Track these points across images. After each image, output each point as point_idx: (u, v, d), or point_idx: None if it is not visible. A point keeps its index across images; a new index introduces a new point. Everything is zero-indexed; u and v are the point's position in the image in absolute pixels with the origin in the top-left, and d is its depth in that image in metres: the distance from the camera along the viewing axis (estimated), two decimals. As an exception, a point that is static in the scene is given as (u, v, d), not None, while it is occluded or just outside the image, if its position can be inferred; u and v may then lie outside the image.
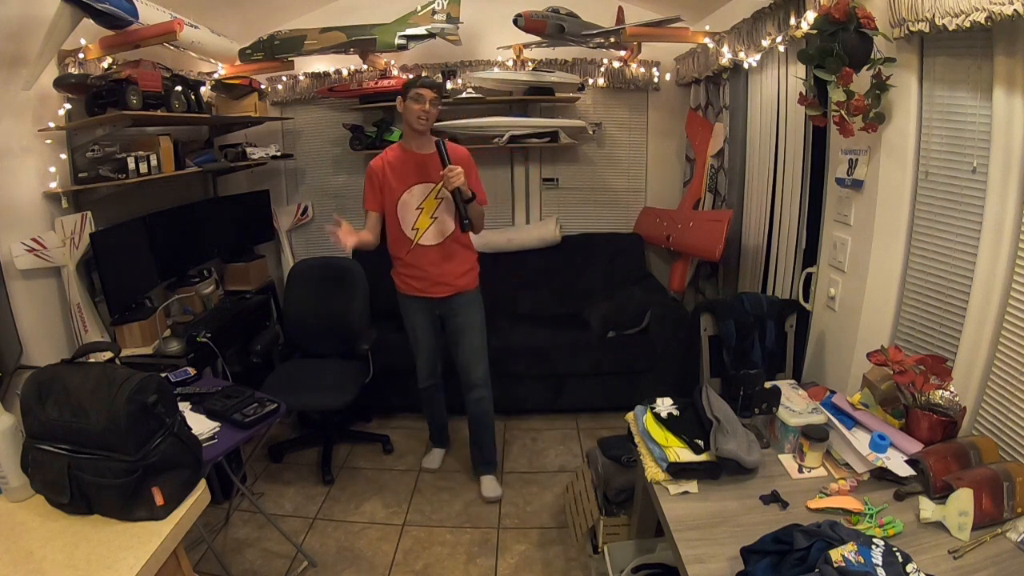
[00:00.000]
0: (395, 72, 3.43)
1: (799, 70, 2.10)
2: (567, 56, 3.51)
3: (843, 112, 1.68)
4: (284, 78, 3.57)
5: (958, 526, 1.19)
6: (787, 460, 1.48)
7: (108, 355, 1.59)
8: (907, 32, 1.52)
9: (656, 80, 3.58)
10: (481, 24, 3.36)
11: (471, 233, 2.30)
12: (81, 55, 2.34)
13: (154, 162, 2.53)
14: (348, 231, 2.16)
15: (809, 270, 2.25)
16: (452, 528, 2.39)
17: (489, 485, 2.59)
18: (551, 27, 2.93)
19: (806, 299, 2.25)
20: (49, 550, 1.08)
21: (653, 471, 1.42)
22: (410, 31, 3.03)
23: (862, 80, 1.65)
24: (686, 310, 3.26)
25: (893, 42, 1.62)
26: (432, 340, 2.54)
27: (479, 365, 2.48)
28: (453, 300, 2.42)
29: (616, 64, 3.54)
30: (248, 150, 3.37)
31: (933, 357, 1.50)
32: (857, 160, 1.87)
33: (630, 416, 1.64)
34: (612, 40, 3.08)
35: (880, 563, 0.94)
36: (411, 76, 2.86)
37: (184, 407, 1.67)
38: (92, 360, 1.42)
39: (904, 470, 1.35)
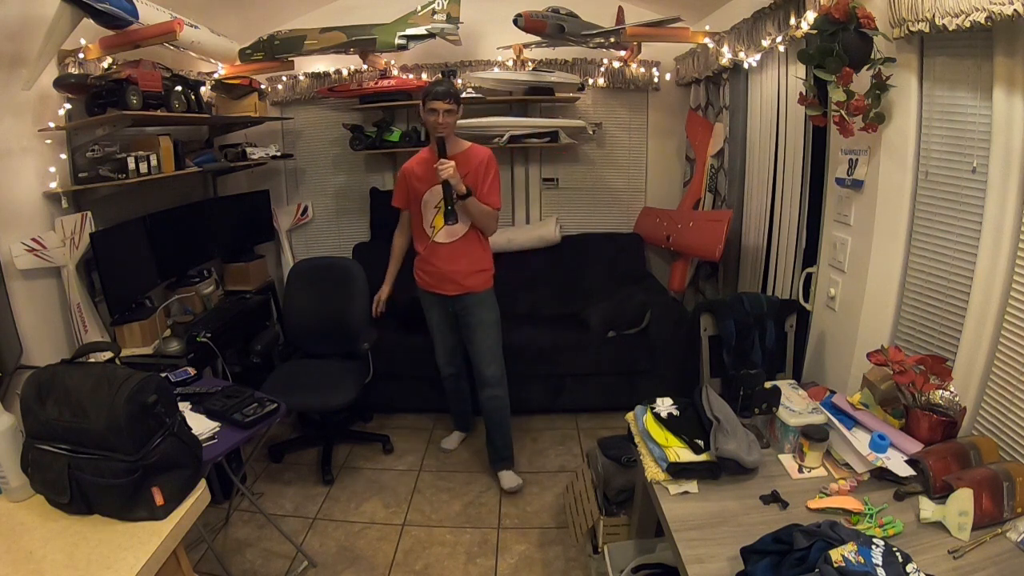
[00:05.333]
0: (395, 72, 3.44)
1: (799, 70, 2.10)
2: (567, 56, 3.51)
3: (843, 112, 1.68)
4: (284, 78, 3.57)
5: (958, 526, 1.19)
6: (787, 460, 1.48)
7: (108, 355, 1.58)
8: (907, 32, 1.52)
9: (656, 80, 3.58)
10: (481, 24, 3.36)
11: (483, 234, 2.46)
12: (81, 55, 2.34)
13: (154, 162, 2.53)
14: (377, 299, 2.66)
15: (809, 270, 2.25)
16: (452, 528, 2.39)
17: (507, 478, 2.63)
18: (551, 27, 2.93)
19: (806, 299, 2.25)
20: (49, 550, 1.08)
21: (653, 471, 1.42)
22: (410, 31, 3.04)
23: (862, 80, 1.65)
24: (686, 310, 3.26)
25: (893, 42, 1.62)
26: (447, 332, 2.64)
27: (490, 365, 2.54)
28: (464, 299, 2.50)
29: (616, 64, 3.54)
30: (248, 150, 3.37)
31: (933, 357, 1.50)
32: (857, 160, 1.87)
33: (630, 416, 1.64)
34: (612, 40, 3.08)
35: (880, 563, 0.94)
36: (428, 82, 2.98)
37: (184, 407, 1.67)
38: (92, 360, 1.42)
39: (904, 470, 1.35)
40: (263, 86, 3.48)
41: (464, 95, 3.39)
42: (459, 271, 2.46)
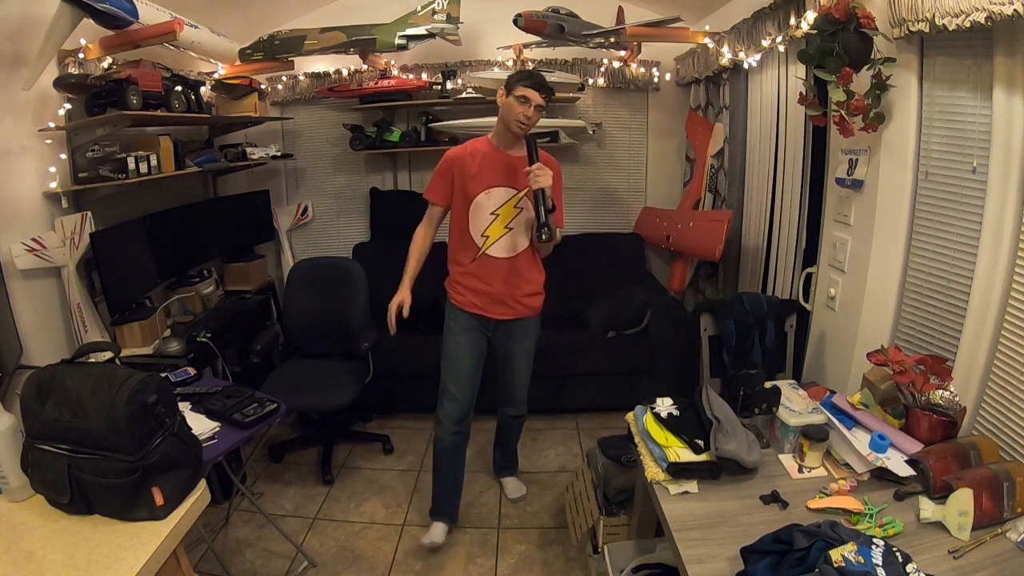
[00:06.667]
0: (395, 72, 3.44)
1: (799, 70, 2.10)
2: (567, 56, 3.51)
3: (843, 112, 1.68)
4: (284, 78, 3.57)
5: (958, 526, 1.19)
6: (787, 460, 1.48)
7: (108, 355, 1.59)
8: (907, 32, 1.52)
9: (656, 80, 3.58)
10: (481, 24, 3.36)
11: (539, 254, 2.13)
12: (81, 55, 2.34)
13: (154, 162, 2.53)
14: (396, 305, 2.06)
15: (809, 270, 2.25)
16: (452, 528, 2.38)
17: (512, 486, 2.58)
18: (551, 27, 2.93)
19: (806, 299, 2.25)
20: (49, 550, 1.08)
21: (653, 471, 1.42)
22: (410, 31, 3.04)
23: (862, 80, 1.65)
24: (686, 310, 3.26)
25: (893, 42, 1.62)
26: (472, 372, 2.17)
27: (523, 388, 2.33)
28: (512, 325, 2.16)
29: (616, 64, 3.54)
30: (248, 150, 3.37)
31: (933, 357, 1.50)
32: (857, 160, 1.87)
33: (630, 416, 1.64)
34: (612, 40, 3.08)
35: (880, 563, 0.94)
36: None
37: (184, 407, 1.67)
38: (92, 360, 1.42)
39: (904, 470, 1.35)
40: (263, 86, 3.48)
41: (464, 95, 3.40)
42: (516, 294, 2.10)
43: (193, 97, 2.76)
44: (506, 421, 2.48)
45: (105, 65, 2.43)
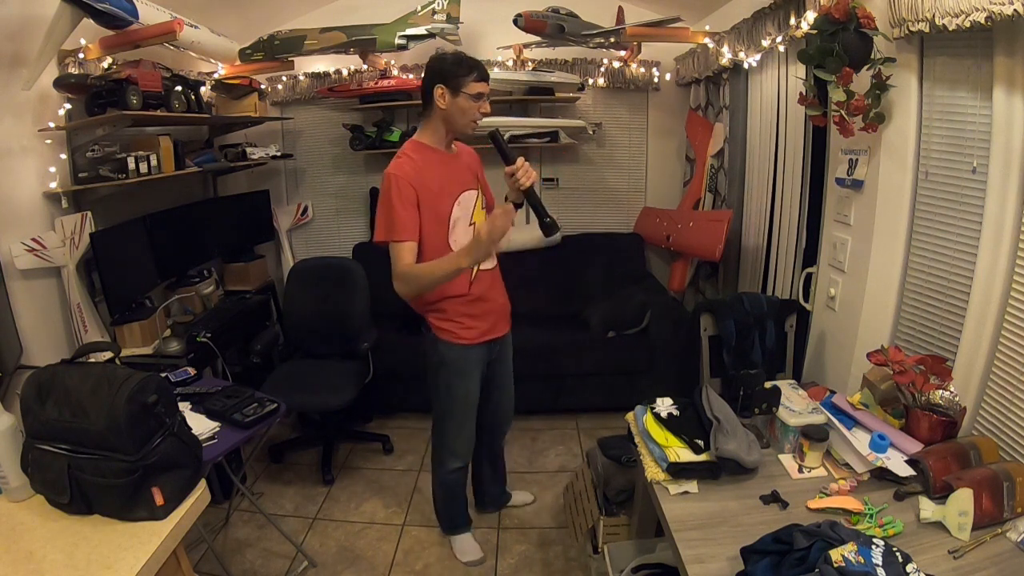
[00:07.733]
0: (395, 72, 3.44)
1: (799, 70, 2.10)
2: (567, 56, 3.51)
3: (843, 112, 1.68)
4: (284, 78, 3.57)
5: (958, 526, 1.19)
6: (787, 460, 1.48)
7: (108, 355, 1.59)
8: (907, 32, 1.52)
9: (656, 80, 3.58)
10: (481, 24, 3.36)
11: None
12: (81, 55, 2.34)
13: (154, 162, 2.53)
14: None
15: (809, 270, 2.25)
16: (452, 528, 2.38)
17: (520, 496, 2.50)
18: (551, 27, 2.93)
19: (806, 299, 2.25)
20: (49, 550, 1.08)
21: (653, 471, 1.42)
22: (410, 31, 3.04)
23: (862, 80, 1.65)
24: (686, 310, 3.26)
25: (893, 42, 1.62)
26: (476, 400, 2.03)
27: (513, 398, 2.20)
28: (506, 337, 2.02)
29: (616, 64, 3.54)
30: (248, 150, 3.37)
31: (933, 357, 1.50)
32: (857, 160, 1.87)
33: (630, 416, 1.64)
34: (612, 40, 3.08)
35: (880, 563, 0.94)
36: (448, 56, 1.78)
37: (184, 407, 1.67)
38: (92, 360, 1.42)
39: (904, 470, 1.35)
40: (263, 86, 3.48)
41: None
42: (507, 300, 2.00)
43: (193, 97, 2.76)
44: (502, 444, 2.32)
45: (105, 65, 2.43)
